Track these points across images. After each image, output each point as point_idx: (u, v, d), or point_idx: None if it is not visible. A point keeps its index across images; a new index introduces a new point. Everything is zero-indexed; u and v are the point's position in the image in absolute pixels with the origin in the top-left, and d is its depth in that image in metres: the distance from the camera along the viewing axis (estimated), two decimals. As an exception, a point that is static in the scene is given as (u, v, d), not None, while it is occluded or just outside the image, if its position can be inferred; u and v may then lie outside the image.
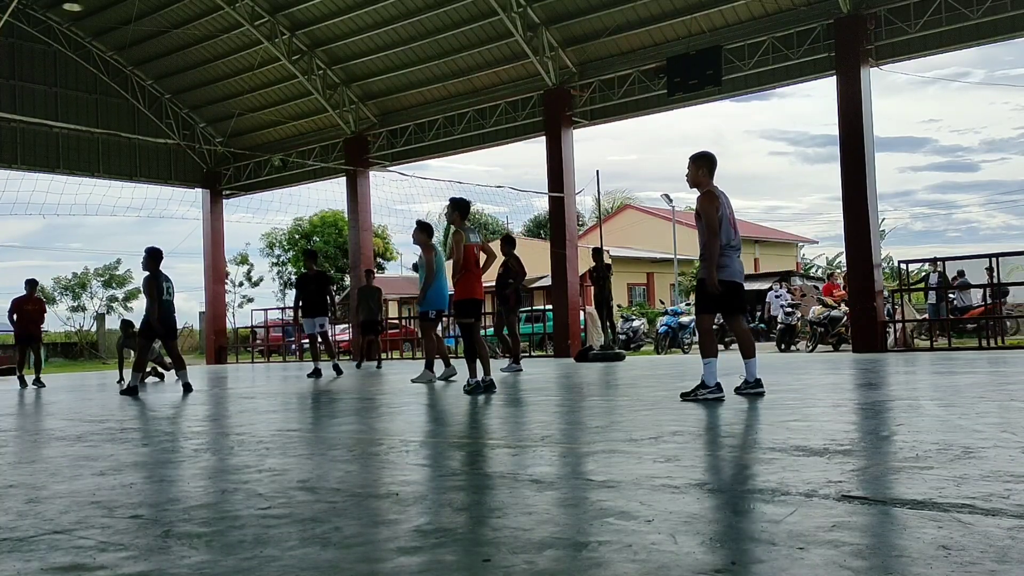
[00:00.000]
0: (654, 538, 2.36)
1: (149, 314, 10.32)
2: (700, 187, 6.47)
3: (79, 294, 40.12)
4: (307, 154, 23.94)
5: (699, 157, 6.51)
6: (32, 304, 14.60)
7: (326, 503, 3.05)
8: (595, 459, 3.87)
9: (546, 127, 19.49)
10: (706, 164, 6.48)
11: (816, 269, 45.07)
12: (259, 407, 7.79)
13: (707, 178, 6.48)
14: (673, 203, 38.89)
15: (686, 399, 6.29)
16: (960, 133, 74.89)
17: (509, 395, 7.89)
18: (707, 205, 6.39)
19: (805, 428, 4.56)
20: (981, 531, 2.31)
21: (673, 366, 12.48)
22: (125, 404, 8.76)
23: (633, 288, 39.68)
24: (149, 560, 2.35)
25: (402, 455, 4.26)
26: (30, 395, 11.66)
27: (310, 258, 14.46)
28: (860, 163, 15.19)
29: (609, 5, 17.72)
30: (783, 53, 16.56)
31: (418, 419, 6.27)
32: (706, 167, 6.48)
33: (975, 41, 15.23)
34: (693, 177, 6.49)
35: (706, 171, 6.47)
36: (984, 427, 4.36)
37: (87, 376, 19.28)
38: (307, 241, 41.11)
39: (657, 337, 20.99)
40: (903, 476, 3.14)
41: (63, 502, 3.25)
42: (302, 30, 21.15)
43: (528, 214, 51.14)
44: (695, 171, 6.47)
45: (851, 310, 15.80)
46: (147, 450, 4.93)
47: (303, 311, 13.42)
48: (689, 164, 6.53)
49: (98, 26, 22.40)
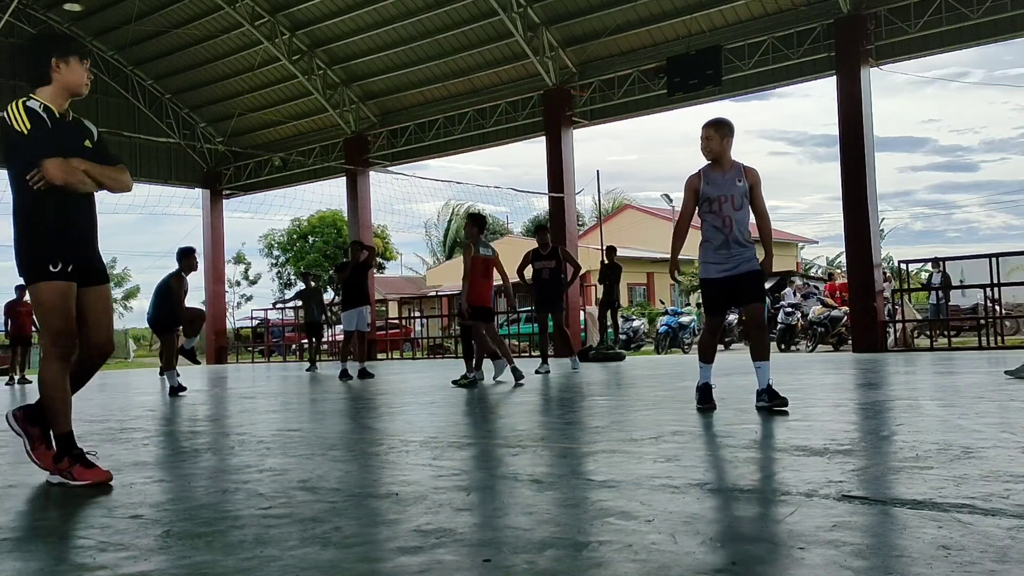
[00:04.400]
0: (654, 538, 2.36)
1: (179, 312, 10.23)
2: (722, 158, 5.51)
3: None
4: (307, 154, 23.95)
5: (725, 124, 5.55)
6: (23, 306, 15.36)
7: (326, 503, 3.05)
8: (595, 459, 3.88)
9: (546, 127, 19.49)
10: (731, 135, 5.56)
11: (816, 269, 45.06)
12: (259, 407, 7.79)
13: (729, 151, 5.57)
14: (673, 203, 38.88)
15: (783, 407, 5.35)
16: (960, 133, 74.91)
17: (510, 395, 7.89)
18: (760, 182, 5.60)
19: (805, 428, 4.56)
20: (981, 531, 2.31)
21: (673, 366, 12.48)
22: (124, 404, 8.76)
23: (633, 288, 39.68)
24: (149, 560, 2.35)
25: (402, 455, 4.26)
26: (28, 395, 11.65)
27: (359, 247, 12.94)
28: (860, 163, 15.19)
29: (609, 5, 17.72)
30: (783, 53, 16.57)
31: (418, 419, 6.27)
32: (731, 138, 5.56)
33: (975, 41, 15.23)
34: (718, 147, 5.48)
35: (730, 142, 5.57)
36: (984, 427, 4.36)
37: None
38: (305, 241, 41.09)
39: (657, 337, 20.99)
40: (903, 476, 3.14)
41: (63, 502, 3.25)
42: (302, 30, 21.15)
43: (528, 214, 51.06)
44: (720, 140, 5.49)
45: (851, 310, 15.81)
46: (147, 450, 4.93)
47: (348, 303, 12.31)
48: (712, 130, 5.51)
49: (98, 26, 22.40)
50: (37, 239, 3.58)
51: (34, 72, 3.71)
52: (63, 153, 3.53)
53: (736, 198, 5.46)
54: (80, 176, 3.55)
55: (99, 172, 3.65)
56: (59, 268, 3.55)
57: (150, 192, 22.72)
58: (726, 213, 5.45)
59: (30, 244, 3.59)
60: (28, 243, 3.59)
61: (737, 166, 5.56)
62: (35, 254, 3.57)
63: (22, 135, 3.50)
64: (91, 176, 3.61)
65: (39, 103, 3.63)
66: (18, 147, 3.53)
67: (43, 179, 3.46)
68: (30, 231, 3.59)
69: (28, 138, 3.50)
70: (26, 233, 3.59)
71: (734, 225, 5.46)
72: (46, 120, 3.58)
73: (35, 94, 3.67)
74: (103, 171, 3.67)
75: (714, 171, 5.54)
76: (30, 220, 3.57)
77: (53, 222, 3.56)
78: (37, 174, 3.46)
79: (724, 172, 5.52)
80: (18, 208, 3.59)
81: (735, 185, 5.48)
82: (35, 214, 3.56)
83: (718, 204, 5.46)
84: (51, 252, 3.55)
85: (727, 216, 5.45)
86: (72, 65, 3.68)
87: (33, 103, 3.62)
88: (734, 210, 5.46)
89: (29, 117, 3.54)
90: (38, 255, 3.56)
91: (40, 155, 3.48)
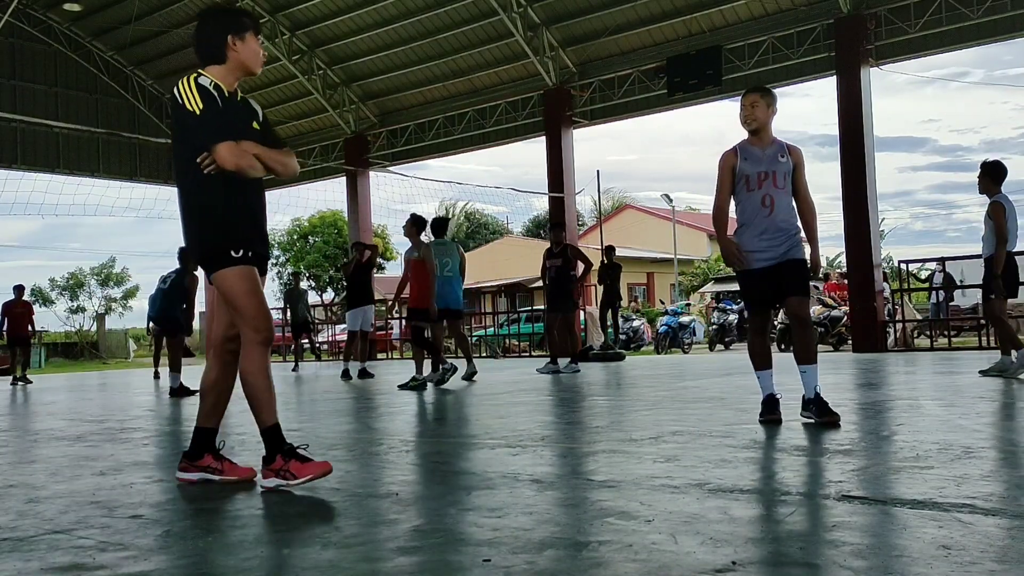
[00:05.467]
0: (654, 538, 2.36)
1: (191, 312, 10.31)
2: (764, 130, 4.85)
3: (76, 294, 40.09)
4: (307, 154, 23.94)
5: (771, 93, 4.97)
6: (20, 307, 15.85)
7: (326, 503, 3.05)
8: (595, 459, 3.88)
9: (546, 127, 19.49)
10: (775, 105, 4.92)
11: (823, 269, 45.03)
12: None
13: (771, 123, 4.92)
14: (673, 203, 38.88)
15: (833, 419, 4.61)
16: (960, 133, 74.81)
17: (510, 395, 7.89)
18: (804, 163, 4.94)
19: (805, 428, 4.56)
20: (981, 531, 2.31)
21: (673, 366, 12.48)
22: (124, 404, 8.76)
23: (633, 288, 39.68)
24: (149, 560, 2.35)
25: (402, 455, 4.26)
26: (29, 395, 11.65)
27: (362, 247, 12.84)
28: (860, 163, 15.19)
29: (609, 5, 17.72)
30: (783, 53, 16.57)
31: (418, 419, 6.27)
32: (775, 107, 4.92)
33: (975, 41, 15.23)
34: (764, 115, 4.83)
35: (775, 112, 4.91)
36: (984, 427, 4.36)
37: (87, 376, 19.28)
38: (306, 241, 41.07)
39: (657, 337, 20.99)
40: (903, 476, 3.14)
41: (63, 502, 3.25)
42: (302, 30, 21.15)
43: (528, 214, 51.09)
44: (766, 108, 4.85)
45: (851, 310, 15.80)
46: (147, 450, 4.93)
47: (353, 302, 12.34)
48: (758, 96, 4.87)
49: (98, 26, 22.40)
50: (215, 225, 3.36)
51: (206, 49, 3.47)
52: (234, 136, 3.31)
53: (779, 176, 4.78)
54: (251, 160, 3.33)
55: (269, 156, 3.42)
56: (240, 254, 3.35)
57: (149, 192, 22.77)
58: (768, 192, 4.74)
59: (208, 230, 3.39)
60: (205, 229, 3.39)
61: (779, 142, 4.88)
62: (214, 241, 3.36)
63: (193, 115, 3.30)
64: (261, 160, 3.38)
65: (209, 80, 3.40)
66: (188, 128, 3.34)
67: (214, 163, 3.27)
68: (205, 217, 3.38)
69: (200, 119, 3.29)
70: (201, 219, 3.39)
71: (776, 206, 4.75)
72: (217, 99, 3.36)
73: (205, 71, 3.44)
74: (273, 155, 3.44)
75: (753, 145, 4.84)
76: (204, 205, 3.37)
77: (228, 206, 3.36)
78: (208, 158, 3.27)
79: (764, 147, 4.82)
80: (188, 192, 3.40)
81: (777, 161, 4.80)
82: (207, 198, 3.35)
83: (758, 182, 4.76)
84: (231, 237, 3.35)
85: (769, 196, 4.74)
86: (248, 41, 3.45)
87: (204, 80, 3.39)
88: (776, 189, 4.76)
89: (201, 96, 3.32)
90: (218, 241, 3.36)
91: (213, 138, 3.27)
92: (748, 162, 4.80)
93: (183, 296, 10.27)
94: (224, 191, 3.35)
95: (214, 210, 3.37)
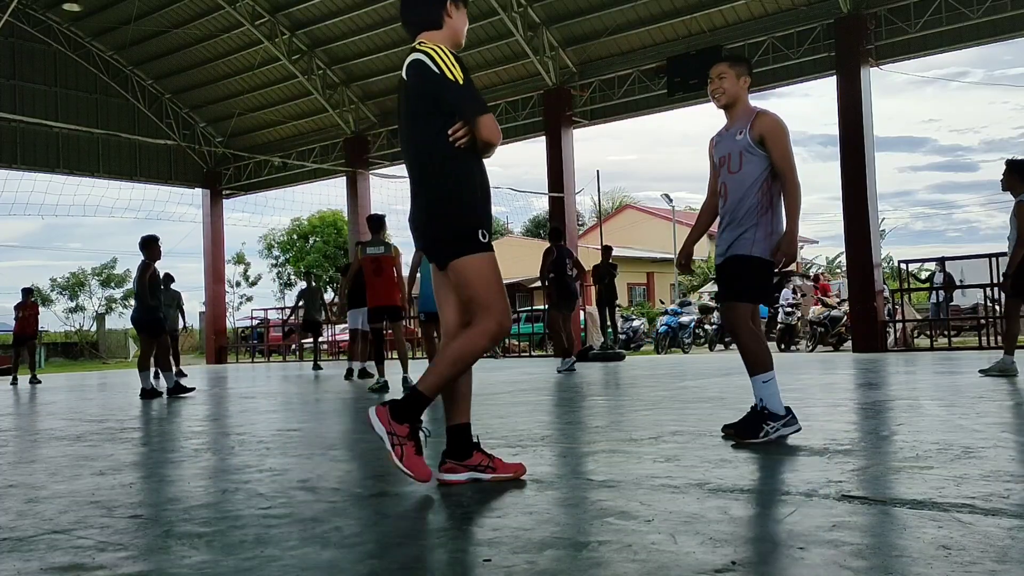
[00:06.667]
0: (654, 538, 2.36)
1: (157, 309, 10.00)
2: (735, 106, 4.28)
3: (76, 294, 40.09)
4: (307, 154, 23.94)
5: (742, 61, 4.46)
6: (28, 308, 16.44)
7: (326, 503, 3.05)
8: (595, 459, 3.88)
9: (546, 127, 19.50)
10: (749, 74, 4.36)
11: (814, 269, 45.08)
12: (259, 407, 7.79)
13: (746, 95, 4.34)
14: (673, 203, 38.89)
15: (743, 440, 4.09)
16: (960, 133, 74.82)
17: (510, 395, 7.89)
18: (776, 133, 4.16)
19: (805, 428, 4.55)
20: (981, 531, 2.30)
21: (673, 366, 12.48)
22: (124, 404, 8.76)
23: (633, 288, 39.69)
24: (149, 560, 2.35)
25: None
26: (29, 395, 11.66)
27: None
28: (860, 163, 15.19)
29: (609, 5, 17.73)
30: (783, 53, 16.57)
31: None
32: (748, 78, 4.33)
33: (975, 41, 15.25)
34: (733, 87, 4.26)
35: (747, 83, 4.33)
36: (984, 427, 4.36)
37: (87, 376, 19.29)
38: (306, 241, 41.07)
39: (657, 337, 20.99)
40: (903, 476, 3.14)
41: (63, 502, 3.25)
42: (302, 30, 21.15)
43: (527, 214, 51.12)
44: (736, 79, 4.27)
45: (851, 310, 15.81)
46: (147, 450, 4.93)
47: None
48: (725, 66, 4.33)
49: (98, 26, 22.40)
50: (467, 204, 3.13)
51: (421, 15, 3.25)
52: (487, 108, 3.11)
53: (734, 158, 4.19)
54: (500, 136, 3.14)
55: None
56: (487, 238, 3.14)
57: (148, 193, 22.82)
58: (723, 179, 4.26)
59: (454, 209, 3.13)
60: (452, 208, 3.13)
61: (746, 113, 4.23)
62: (466, 221, 3.12)
63: (457, 85, 3.03)
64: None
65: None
66: (444, 99, 3.08)
67: (466, 136, 3.07)
68: (453, 195, 3.12)
69: (463, 89, 3.04)
70: (447, 197, 3.13)
71: (728, 194, 4.21)
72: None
73: (427, 39, 3.19)
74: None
75: (725, 127, 4.34)
76: (460, 181, 3.12)
77: (481, 185, 3.17)
78: (460, 129, 3.06)
79: (732, 126, 4.27)
80: (437, 168, 3.14)
81: (734, 140, 4.21)
82: (462, 174, 3.12)
83: (720, 169, 4.29)
84: (478, 218, 3.13)
85: (724, 183, 4.26)
86: (462, 11, 3.28)
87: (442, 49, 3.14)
88: (729, 174, 4.20)
89: (460, 65, 3.07)
90: (465, 222, 3.11)
91: (478, 109, 3.04)
92: (718, 147, 4.34)
93: (155, 292, 9.88)
94: (476, 167, 3.17)
95: (468, 187, 3.14)
